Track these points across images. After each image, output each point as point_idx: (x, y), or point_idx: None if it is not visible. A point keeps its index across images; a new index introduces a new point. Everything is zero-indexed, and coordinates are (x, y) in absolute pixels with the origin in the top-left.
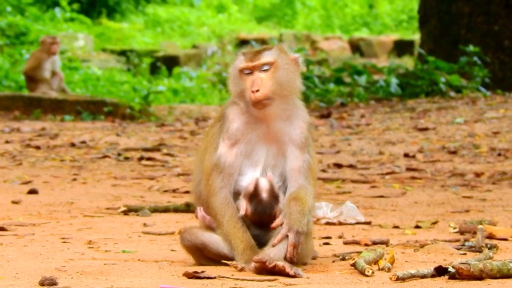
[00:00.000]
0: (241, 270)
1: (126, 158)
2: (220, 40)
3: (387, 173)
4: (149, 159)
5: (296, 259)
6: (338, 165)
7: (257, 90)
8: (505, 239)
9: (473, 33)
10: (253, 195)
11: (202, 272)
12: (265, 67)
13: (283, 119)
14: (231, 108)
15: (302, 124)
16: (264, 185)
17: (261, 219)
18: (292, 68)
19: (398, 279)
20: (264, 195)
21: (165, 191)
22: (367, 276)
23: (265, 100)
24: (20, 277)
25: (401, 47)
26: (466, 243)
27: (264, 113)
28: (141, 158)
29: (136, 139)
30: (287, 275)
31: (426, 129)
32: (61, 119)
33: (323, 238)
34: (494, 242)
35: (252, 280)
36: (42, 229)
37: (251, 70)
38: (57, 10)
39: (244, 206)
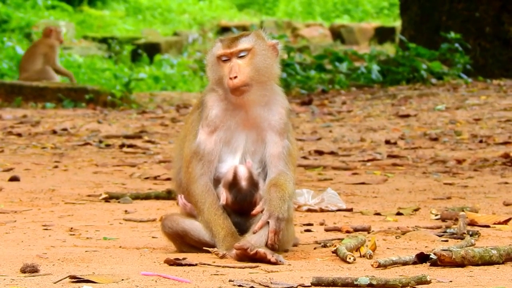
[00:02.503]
0: (223, 257)
1: (108, 145)
2: (201, 27)
3: (369, 160)
4: (130, 146)
5: (277, 245)
6: (319, 152)
7: (235, 77)
8: (487, 226)
9: (454, 19)
10: (233, 184)
11: (184, 259)
12: (243, 54)
13: (261, 105)
14: (210, 95)
15: (281, 110)
16: (243, 173)
17: (241, 207)
18: (270, 54)
19: (379, 266)
20: (244, 183)
21: (146, 178)
22: (348, 263)
23: (243, 87)
24: (2, 264)
25: (382, 34)
26: (448, 230)
27: (243, 99)
28: (122, 145)
29: (118, 126)
30: (268, 262)
31: (407, 116)
32: (42, 106)
33: (304, 225)
34: (476, 229)
35: (233, 267)
36: (24, 216)
37: (228, 57)
38: None
39: (224, 195)
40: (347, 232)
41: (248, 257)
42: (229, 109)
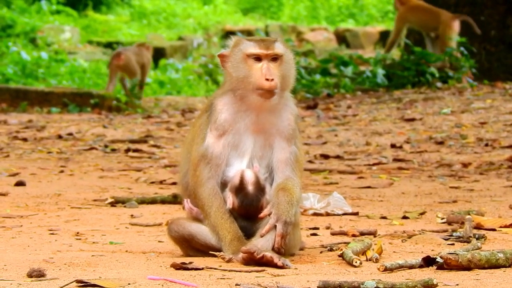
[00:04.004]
0: (229, 261)
1: (113, 150)
2: (206, 31)
3: (374, 164)
4: (136, 150)
5: (284, 249)
6: (325, 156)
7: (272, 79)
8: (493, 229)
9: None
10: (239, 188)
11: (190, 263)
12: (275, 58)
13: (272, 110)
14: (220, 99)
15: (290, 116)
16: (249, 177)
17: (248, 212)
18: (292, 64)
19: (386, 269)
20: (250, 187)
21: (152, 182)
22: (355, 266)
23: (275, 90)
24: (8, 268)
25: (387, 38)
26: (454, 234)
27: (269, 102)
28: (128, 150)
29: (123, 131)
30: (275, 265)
31: (413, 119)
32: (47, 111)
33: (310, 229)
34: (482, 232)
35: (239, 271)
36: (30, 221)
37: (260, 58)
38: (43, 3)
39: (230, 199)
40: (353, 235)
41: (254, 261)
42: (241, 110)
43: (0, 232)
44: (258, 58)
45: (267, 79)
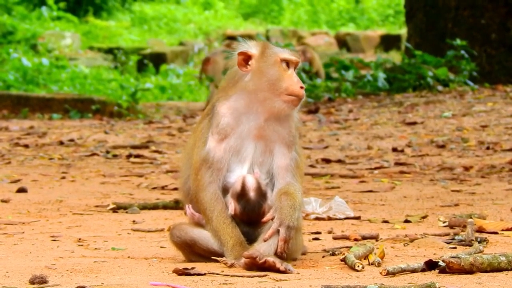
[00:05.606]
0: (231, 266)
1: (115, 156)
2: (206, 36)
3: (376, 168)
4: (137, 156)
5: (286, 254)
6: (327, 160)
7: (304, 88)
8: (495, 233)
9: (460, 26)
10: (241, 194)
11: (192, 268)
12: (295, 67)
13: (277, 117)
14: (224, 102)
15: (291, 123)
16: (251, 183)
17: (249, 218)
18: None
19: (388, 273)
20: (252, 193)
21: (154, 188)
22: (357, 271)
23: (303, 99)
24: (11, 275)
25: (388, 42)
26: (456, 237)
27: (293, 110)
28: (129, 156)
29: (124, 137)
30: (277, 270)
31: (414, 123)
32: (49, 117)
33: (312, 233)
34: (484, 235)
35: (242, 276)
36: (32, 227)
37: (289, 65)
38: (44, 9)
39: (232, 205)
40: (355, 240)
41: (257, 266)
42: (246, 114)
43: (2, 238)
44: (287, 65)
45: (301, 87)
